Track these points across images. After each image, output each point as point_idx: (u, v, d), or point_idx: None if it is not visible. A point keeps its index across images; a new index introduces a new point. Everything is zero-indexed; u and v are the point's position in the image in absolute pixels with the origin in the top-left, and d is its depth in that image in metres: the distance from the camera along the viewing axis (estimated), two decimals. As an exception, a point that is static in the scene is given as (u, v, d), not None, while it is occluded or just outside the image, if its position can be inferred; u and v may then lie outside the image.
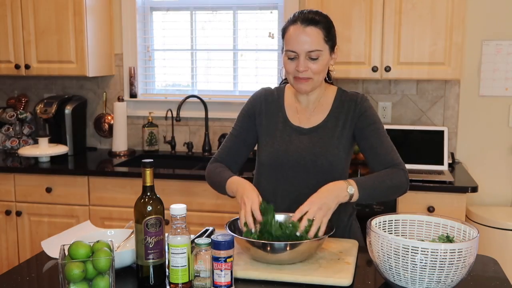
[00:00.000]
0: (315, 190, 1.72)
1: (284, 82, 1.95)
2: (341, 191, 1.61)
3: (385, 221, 1.53)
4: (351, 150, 1.85)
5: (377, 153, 1.76)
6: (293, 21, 1.73)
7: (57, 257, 1.50)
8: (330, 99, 1.84)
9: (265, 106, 1.87)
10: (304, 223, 1.53)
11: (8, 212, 3.13)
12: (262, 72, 3.51)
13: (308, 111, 1.84)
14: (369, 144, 1.77)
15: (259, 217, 1.57)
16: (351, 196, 1.62)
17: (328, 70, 1.84)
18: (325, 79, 1.85)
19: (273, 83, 2.03)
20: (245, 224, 1.57)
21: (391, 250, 1.33)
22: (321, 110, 1.83)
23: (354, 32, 2.94)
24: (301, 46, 1.69)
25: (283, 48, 1.77)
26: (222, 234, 1.37)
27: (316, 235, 1.53)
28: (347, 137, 1.80)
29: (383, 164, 1.74)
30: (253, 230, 1.56)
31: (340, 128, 1.80)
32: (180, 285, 1.38)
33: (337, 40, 2.76)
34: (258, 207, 1.59)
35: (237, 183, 1.71)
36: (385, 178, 1.70)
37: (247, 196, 1.62)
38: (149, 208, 1.40)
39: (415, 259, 1.30)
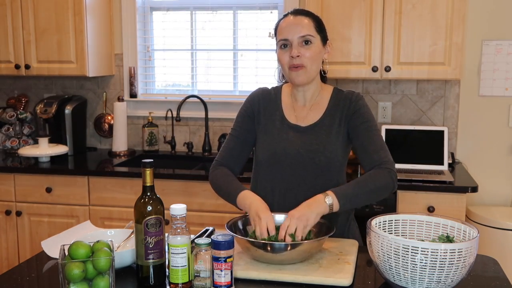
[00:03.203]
0: (313, 187, 1.73)
1: (283, 82, 1.96)
2: (320, 203, 1.60)
3: (385, 221, 1.53)
4: (348, 148, 1.86)
5: (367, 151, 1.76)
6: (284, 16, 1.81)
7: (57, 257, 1.50)
8: (326, 98, 1.85)
9: (262, 105, 1.89)
10: (288, 241, 1.53)
11: (8, 212, 3.13)
12: (262, 72, 3.51)
13: (305, 109, 1.85)
14: (360, 142, 1.78)
15: (273, 232, 1.58)
16: (331, 206, 1.61)
17: (323, 68, 1.85)
18: (321, 79, 1.86)
19: (273, 83, 2.03)
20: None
21: (391, 250, 1.33)
22: (318, 108, 1.84)
23: (354, 32, 2.94)
24: (293, 33, 1.74)
25: (276, 46, 1.80)
26: (222, 234, 1.37)
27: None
28: (343, 135, 1.81)
29: (371, 162, 1.74)
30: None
31: (336, 126, 1.81)
32: (180, 285, 1.38)
33: (337, 40, 2.76)
34: (274, 228, 1.59)
35: (251, 200, 1.69)
36: (367, 182, 1.69)
37: (262, 214, 1.61)
38: (149, 208, 1.40)
39: (415, 259, 1.30)
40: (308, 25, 1.75)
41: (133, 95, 3.60)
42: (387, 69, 2.93)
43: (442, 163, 2.97)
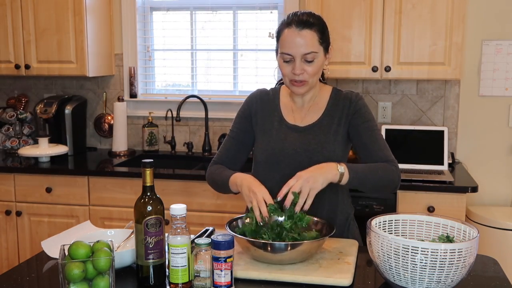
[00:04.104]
0: None
1: (280, 83, 1.97)
2: (331, 169, 1.63)
3: (385, 221, 1.53)
4: (347, 148, 1.86)
5: (370, 149, 1.77)
6: (287, 24, 1.73)
7: (57, 257, 1.50)
8: (325, 99, 1.85)
9: (260, 106, 1.89)
10: (290, 198, 1.56)
11: (8, 212, 3.13)
12: (262, 72, 3.51)
13: (303, 110, 1.86)
14: (362, 141, 1.79)
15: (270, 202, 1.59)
16: (341, 175, 1.63)
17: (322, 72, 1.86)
18: (320, 80, 1.86)
19: (273, 83, 2.04)
20: (260, 215, 1.59)
21: (391, 250, 1.33)
22: (316, 109, 1.84)
23: (354, 32, 2.94)
24: (296, 49, 1.70)
25: (277, 49, 1.78)
26: (222, 234, 1.38)
27: (304, 220, 1.56)
28: (342, 135, 1.81)
29: (376, 161, 1.76)
30: (266, 219, 1.57)
31: (335, 126, 1.81)
32: (180, 285, 1.38)
33: (337, 40, 2.77)
34: (271, 199, 1.60)
35: (241, 177, 1.72)
36: (377, 168, 1.72)
37: (256, 188, 1.63)
38: (149, 208, 1.40)
39: (415, 259, 1.30)
40: (312, 40, 1.71)
41: (133, 95, 3.60)
42: (387, 69, 2.93)
43: (442, 163, 2.97)
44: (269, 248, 1.49)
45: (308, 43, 1.70)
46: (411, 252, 1.30)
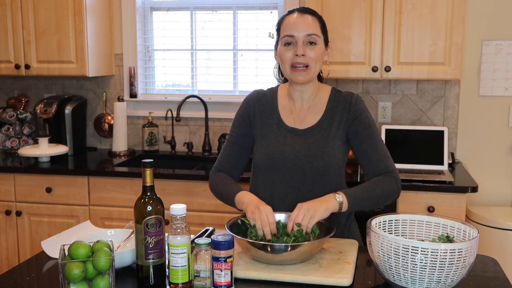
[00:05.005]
0: (312, 191, 1.73)
1: (279, 82, 1.95)
2: (330, 200, 1.62)
3: (385, 221, 1.53)
4: (346, 151, 1.85)
5: (371, 159, 1.77)
6: (289, 12, 1.78)
7: (57, 257, 1.50)
8: (324, 100, 1.83)
9: (258, 108, 1.87)
10: (293, 228, 1.56)
11: (8, 212, 3.13)
12: (262, 72, 3.51)
13: (302, 112, 1.83)
14: (364, 149, 1.78)
15: (274, 230, 1.58)
16: (341, 204, 1.63)
17: (322, 70, 1.86)
18: (318, 79, 1.85)
19: (273, 83, 2.02)
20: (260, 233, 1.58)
21: (391, 250, 1.33)
22: (316, 111, 1.83)
23: (354, 32, 2.94)
24: (299, 30, 1.72)
25: (277, 43, 1.78)
26: (222, 234, 1.38)
27: (308, 237, 1.55)
28: (341, 138, 1.80)
29: (376, 171, 1.76)
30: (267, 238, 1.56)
31: (334, 129, 1.79)
32: (180, 285, 1.38)
33: (337, 40, 2.78)
34: (275, 220, 1.59)
35: (248, 198, 1.70)
36: (375, 187, 1.72)
37: (264, 208, 1.60)
38: (149, 208, 1.40)
39: (415, 259, 1.30)
40: (314, 24, 1.74)
41: (133, 95, 3.60)
42: (387, 69, 2.93)
43: (442, 163, 2.97)
44: (269, 249, 1.49)
45: (311, 25, 1.73)
46: (411, 252, 1.30)
